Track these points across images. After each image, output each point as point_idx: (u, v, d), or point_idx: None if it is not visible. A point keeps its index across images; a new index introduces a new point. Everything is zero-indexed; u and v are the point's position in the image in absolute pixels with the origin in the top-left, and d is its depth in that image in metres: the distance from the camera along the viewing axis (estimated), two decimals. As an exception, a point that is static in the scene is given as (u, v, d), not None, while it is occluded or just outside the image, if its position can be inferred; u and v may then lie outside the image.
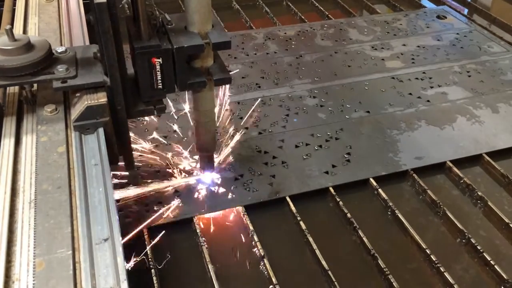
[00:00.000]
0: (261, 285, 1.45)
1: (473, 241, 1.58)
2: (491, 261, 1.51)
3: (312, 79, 2.38)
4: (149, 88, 1.33)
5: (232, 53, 2.55)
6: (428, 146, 1.97)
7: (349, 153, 1.92)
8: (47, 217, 0.96)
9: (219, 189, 1.73)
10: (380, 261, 1.50)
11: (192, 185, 1.73)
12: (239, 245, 1.57)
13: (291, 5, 3.20)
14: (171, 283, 1.46)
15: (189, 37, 1.32)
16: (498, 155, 1.95)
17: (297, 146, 1.95)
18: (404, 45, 2.73)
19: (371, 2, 3.30)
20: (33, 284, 0.85)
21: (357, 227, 1.62)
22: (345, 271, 1.51)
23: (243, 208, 1.66)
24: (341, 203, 1.70)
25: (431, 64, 2.55)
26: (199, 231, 1.58)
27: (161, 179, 1.72)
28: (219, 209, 1.67)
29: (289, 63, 2.50)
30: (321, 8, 3.17)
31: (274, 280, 1.43)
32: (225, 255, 1.54)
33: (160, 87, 1.33)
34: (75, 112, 1.19)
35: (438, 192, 1.77)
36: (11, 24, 1.77)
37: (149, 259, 1.47)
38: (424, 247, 1.55)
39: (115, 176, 1.59)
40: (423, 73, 2.47)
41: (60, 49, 1.27)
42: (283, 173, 1.81)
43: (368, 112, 2.17)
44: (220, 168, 1.80)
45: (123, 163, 1.44)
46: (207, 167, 1.74)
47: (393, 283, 1.43)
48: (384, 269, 1.48)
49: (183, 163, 1.81)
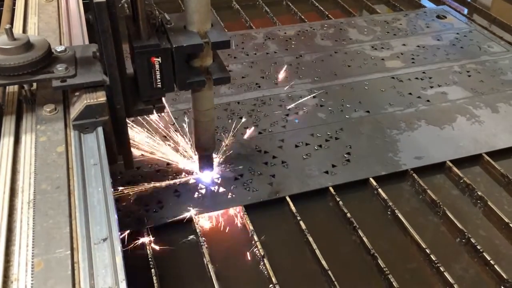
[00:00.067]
0: (261, 285, 1.45)
1: (473, 240, 1.58)
2: (491, 261, 1.51)
3: (312, 79, 2.38)
4: (148, 87, 1.33)
5: (232, 53, 2.55)
6: (428, 146, 1.97)
7: (349, 153, 1.91)
8: (46, 217, 0.96)
9: (219, 188, 1.72)
10: (380, 261, 1.50)
11: (192, 184, 1.73)
12: (239, 245, 1.57)
13: (291, 5, 3.20)
14: (171, 283, 1.45)
15: (188, 36, 1.32)
16: (498, 155, 1.95)
17: (297, 146, 1.94)
18: (404, 45, 2.73)
19: (371, 2, 3.30)
20: (32, 284, 0.85)
21: (357, 226, 1.61)
22: (345, 270, 1.50)
23: (243, 208, 1.66)
24: (341, 203, 1.70)
25: (431, 64, 2.55)
26: (199, 231, 1.58)
27: (161, 179, 1.72)
28: (219, 208, 1.66)
29: (289, 63, 2.50)
30: (321, 8, 3.17)
31: (274, 280, 1.43)
32: (225, 255, 1.54)
33: (159, 86, 1.34)
34: (74, 111, 1.19)
35: (438, 192, 1.77)
36: (11, 23, 1.77)
37: (149, 259, 1.47)
38: (424, 246, 1.55)
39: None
40: (423, 73, 2.47)
41: (59, 48, 1.27)
42: (283, 172, 1.81)
43: (368, 112, 2.16)
44: (219, 167, 1.80)
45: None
46: (206, 166, 1.73)
47: (393, 283, 1.43)
48: (384, 269, 1.48)
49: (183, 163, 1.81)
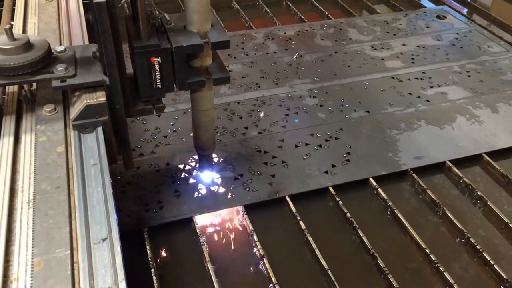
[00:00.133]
0: (261, 285, 1.45)
1: (472, 240, 1.58)
2: (491, 261, 1.51)
3: (312, 79, 2.38)
4: (148, 87, 1.33)
5: (232, 53, 2.55)
6: (427, 146, 1.97)
7: (348, 153, 1.91)
8: (45, 217, 0.96)
9: (219, 188, 1.72)
10: (379, 261, 1.50)
11: (191, 184, 1.73)
12: (239, 245, 1.57)
13: (291, 5, 3.20)
14: (171, 283, 1.45)
15: (188, 36, 1.32)
16: (497, 155, 1.95)
17: (297, 145, 1.94)
18: (404, 45, 2.73)
19: (371, 2, 3.30)
20: (31, 283, 0.85)
21: (357, 226, 1.62)
22: (344, 270, 1.51)
23: (242, 207, 1.66)
24: (340, 202, 1.70)
25: (431, 64, 2.55)
26: (199, 230, 1.58)
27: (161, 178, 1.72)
28: (219, 208, 1.66)
29: (289, 63, 2.50)
30: (321, 8, 3.17)
31: (273, 279, 1.43)
32: (225, 255, 1.54)
33: (159, 86, 1.34)
34: (74, 111, 1.19)
35: (437, 191, 1.77)
36: (11, 23, 1.77)
37: (149, 259, 1.47)
38: (423, 246, 1.55)
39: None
40: (423, 73, 2.47)
41: (59, 48, 1.27)
42: (283, 172, 1.81)
43: (368, 112, 2.16)
44: (219, 167, 1.80)
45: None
46: (206, 166, 1.73)
47: (393, 283, 1.43)
48: (383, 269, 1.48)
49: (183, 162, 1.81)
